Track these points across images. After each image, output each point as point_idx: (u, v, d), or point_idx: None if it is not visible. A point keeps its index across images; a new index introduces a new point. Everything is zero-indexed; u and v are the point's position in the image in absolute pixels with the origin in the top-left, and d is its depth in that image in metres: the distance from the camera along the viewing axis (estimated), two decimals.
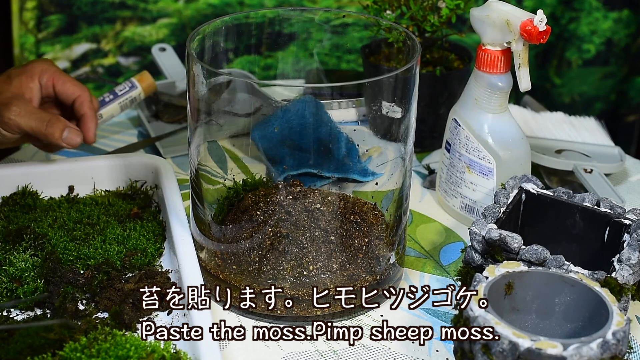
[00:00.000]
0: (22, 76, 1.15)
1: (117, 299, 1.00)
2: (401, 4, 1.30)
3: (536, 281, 0.94)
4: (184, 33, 1.77)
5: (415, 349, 1.00)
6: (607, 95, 1.93)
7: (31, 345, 0.91)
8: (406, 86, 0.99)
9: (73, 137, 1.13)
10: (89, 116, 1.16)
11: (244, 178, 1.07)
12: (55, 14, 1.71)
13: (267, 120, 1.09)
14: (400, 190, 1.05)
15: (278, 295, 1.01)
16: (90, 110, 1.16)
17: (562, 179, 1.30)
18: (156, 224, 1.11)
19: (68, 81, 1.17)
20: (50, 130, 1.12)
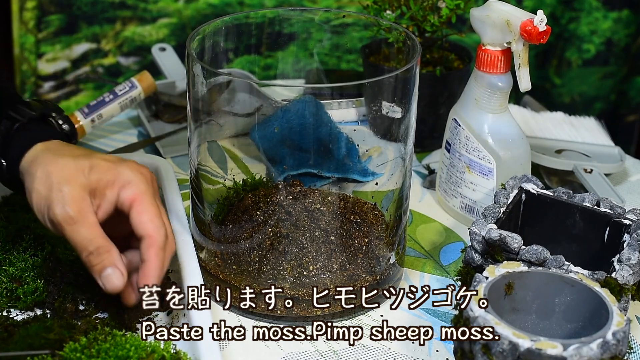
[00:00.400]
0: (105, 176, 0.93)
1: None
2: (401, 4, 1.30)
3: (536, 281, 0.94)
4: (184, 33, 1.77)
5: (415, 349, 1.00)
6: (607, 95, 1.93)
7: (31, 345, 0.91)
8: (406, 86, 0.99)
9: (114, 280, 0.91)
10: (152, 265, 0.92)
11: (244, 178, 1.07)
12: (55, 14, 1.71)
13: (267, 120, 1.09)
14: (400, 190, 1.05)
15: (278, 295, 1.01)
16: (156, 260, 0.92)
17: (562, 179, 1.30)
18: None
19: (147, 213, 0.93)
20: (92, 259, 0.91)
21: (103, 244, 0.90)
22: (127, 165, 0.94)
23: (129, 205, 0.92)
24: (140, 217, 0.92)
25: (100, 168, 0.92)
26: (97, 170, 0.92)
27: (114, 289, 0.91)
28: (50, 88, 1.76)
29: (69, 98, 1.78)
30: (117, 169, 0.93)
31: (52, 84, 1.76)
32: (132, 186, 0.92)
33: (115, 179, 0.92)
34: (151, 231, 0.92)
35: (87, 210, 0.90)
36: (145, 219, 0.92)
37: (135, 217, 0.92)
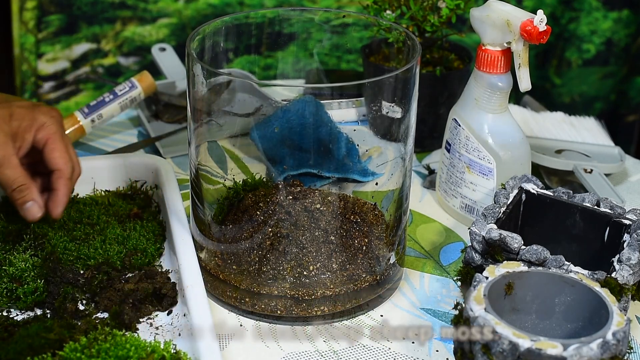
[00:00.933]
0: (23, 122, 1.07)
1: (117, 299, 1.00)
2: (401, 4, 1.30)
3: (536, 281, 0.94)
4: (184, 33, 1.77)
5: (415, 349, 1.00)
6: (607, 95, 1.93)
7: (31, 345, 0.91)
8: (406, 86, 0.99)
9: (34, 211, 1.05)
10: (61, 194, 1.06)
11: (244, 178, 1.07)
12: (55, 14, 1.71)
13: (267, 120, 1.09)
14: (400, 190, 1.05)
15: (278, 295, 1.01)
16: (65, 188, 1.07)
17: (562, 179, 1.30)
18: (156, 224, 1.11)
19: (58, 150, 1.07)
20: (16, 195, 1.05)
21: (24, 181, 1.05)
22: (41, 110, 1.08)
23: (43, 144, 1.07)
24: (52, 153, 1.07)
25: (19, 115, 1.06)
26: (17, 117, 1.06)
27: (34, 219, 1.05)
28: (50, 88, 1.76)
29: (69, 98, 1.78)
30: (33, 114, 1.07)
31: (52, 84, 1.76)
32: (45, 128, 1.07)
33: (32, 123, 1.06)
34: (60, 165, 1.07)
35: (11, 154, 1.04)
36: (56, 155, 1.07)
37: (47, 154, 1.07)
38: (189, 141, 1.04)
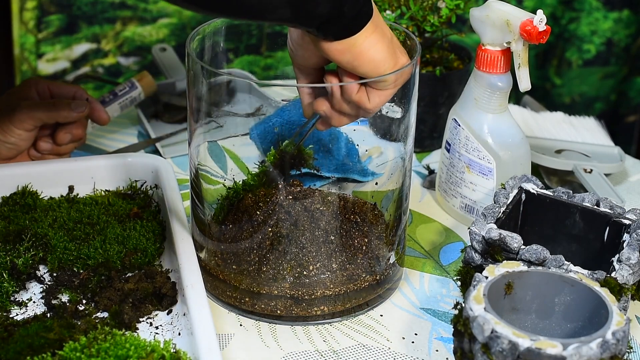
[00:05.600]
0: (19, 90, 1.22)
1: (117, 299, 1.00)
2: (401, 4, 1.30)
3: (536, 281, 0.94)
4: (184, 33, 1.77)
5: (415, 349, 1.00)
6: (607, 96, 1.93)
7: (31, 345, 0.91)
8: (406, 86, 0.99)
9: (79, 107, 1.21)
10: (93, 100, 1.25)
11: (244, 178, 1.07)
12: (55, 14, 1.71)
13: (267, 120, 1.09)
14: (400, 190, 1.05)
15: (278, 295, 1.01)
16: (92, 98, 1.25)
17: (562, 179, 1.30)
18: (156, 223, 1.11)
19: (62, 84, 1.25)
20: (59, 106, 1.20)
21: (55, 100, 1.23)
22: (23, 81, 1.25)
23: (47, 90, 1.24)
24: (60, 88, 1.24)
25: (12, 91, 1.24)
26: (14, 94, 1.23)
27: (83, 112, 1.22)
28: None
29: None
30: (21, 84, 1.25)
31: None
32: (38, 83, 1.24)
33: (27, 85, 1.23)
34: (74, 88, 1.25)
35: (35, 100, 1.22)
36: (63, 86, 1.25)
37: (57, 90, 1.24)
38: (189, 141, 1.04)
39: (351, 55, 0.91)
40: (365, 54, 0.91)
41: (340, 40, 0.90)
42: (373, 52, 0.91)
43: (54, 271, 1.05)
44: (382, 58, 0.92)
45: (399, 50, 0.95)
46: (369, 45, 0.91)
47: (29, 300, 1.02)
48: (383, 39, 0.92)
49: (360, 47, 0.91)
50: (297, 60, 0.98)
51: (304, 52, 0.96)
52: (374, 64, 0.92)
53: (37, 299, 1.03)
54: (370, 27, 0.90)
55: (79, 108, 1.21)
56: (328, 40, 0.90)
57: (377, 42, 0.91)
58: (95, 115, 1.25)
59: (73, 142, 1.23)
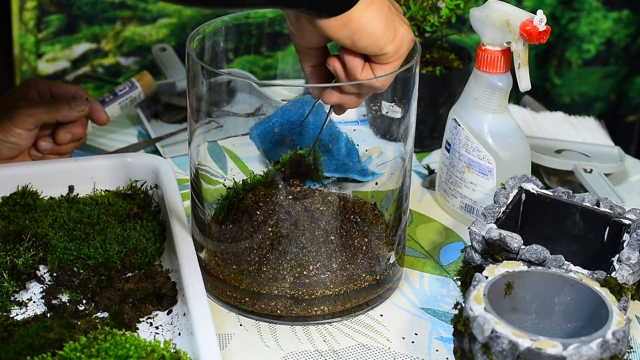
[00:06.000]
0: (19, 90, 1.23)
1: (117, 299, 1.00)
2: (401, 4, 1.30)
3: (536, 281, 0.94)
4: (184, 33, 1.77)
5: (415, 349, 1.00)
6: (607, 95, 1.93)
7: (31, 345, 0.91)
8: (406, 86, 0.99)
9: (79, 105, 1.21)
10: (93, 100, 1.25)
11: (244, 178, 1.07)
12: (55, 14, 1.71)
13: (267, 120, 1.09)
14: (400, 190, 1.05)
15: (278, 295, 1.01)
16: (92, 98, 1.25)
17: (562, 179, 1.30)
18: (156, 223, 1.11)
19: (62, 84, 1.25)
20: (59, 105, 1.20)
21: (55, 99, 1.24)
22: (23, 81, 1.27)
23: (48, 90, 1.25)
24: (60, 87, 1.25)
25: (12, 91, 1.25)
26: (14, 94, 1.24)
27: (83, 111, 1.22)
28: None
29: None
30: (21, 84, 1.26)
31: None
32: (39, 83, 1.25)
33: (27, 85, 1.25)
34: (74, 88, 1.25)
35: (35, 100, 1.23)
36: (63, 86, 1.25)
37: (57, 90, 1.25)
38: (189, 141, 1.04)
39: (349, 31, 0.90)
40: (364, 28, 0.90)
41: (337, 17, 0.88)
42: (371, 26, 0.90)
43: (54, 271, 1.05)
44: (381, 31, 0.91)
45: (397, 20, 0.93)
46: (366, 18, 0.90)
47: (29, 300, 1.02)
48: (381, 10, 0.91)
49: (357, 21, 0.89)
50: (298, 41, 0.97)
51: (302, 33, 0.95)
52: (373, 38, 0.91)
53: (37, 299, 1.03)
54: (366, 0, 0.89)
55: (79, 107, 1.21)
56: (323, 17, 0.88)
57: (375, 14, 0.90)
58: (95, 115, 1.25)
59: (73, 141, 1.23)
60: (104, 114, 1.26)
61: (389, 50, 0.92)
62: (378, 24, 0.90)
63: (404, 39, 0.93)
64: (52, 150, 1.23)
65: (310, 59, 0.98)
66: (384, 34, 0.91)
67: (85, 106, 1.22)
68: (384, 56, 0.93)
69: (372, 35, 0.91)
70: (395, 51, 0.93)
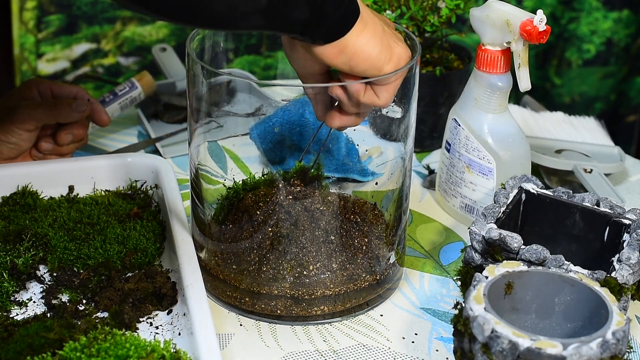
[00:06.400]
0: (21, 90, 1.23)
1: (117, 299, 1.00)
2: (401, 4, 1.30)
3: (536, 281, 0.94)
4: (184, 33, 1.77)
5: (415, 349, 1.00)
6: (607, 95, 1.93)
7: (31, 345, 0.91)
8: (406, 86, 0.99)
9: (80, 106, 1.21)
10: (94, 101, 1.25)
11: (244, 178, 1.07)
12: (55, 14, 1.71)
13: (267, 120, 1.09)
14: (400, 190, 1.05)
15: (278, 295, 1.01)
16: (93, 99, 1.25)
17: (562, 179, 1.30)
18: (156, 223, 1.11)
19: (63, 85, 1.25)
20: (60, 106, 1.20)
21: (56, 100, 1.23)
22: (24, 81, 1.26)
23: (49, 90, 1.24)
24: (62, 88, 1.24)
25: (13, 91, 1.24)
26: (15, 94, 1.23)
27: (84, 112, 1.21)
28: None
29: None
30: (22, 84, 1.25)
31: None
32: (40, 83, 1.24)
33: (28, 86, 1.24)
34: (76, 88, 1.24)
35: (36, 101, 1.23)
36: (65, 87, 1.24)
37: (59, 91, 1.24)
38: (189, 141, 1.04)
39: (346, 57, 0.90)
40: (360, 53, 0.90)
41: (332, 44, 0.89)
42: (367, 50, 0.91)
43: (54, 271, 1.05)
44: (376, 53, 0.91)
45: (392, 39, 0.93)
46: (362, 43, 0.90)
47: (29, 300, 1.02)
48: (374, 33, 0.91)
49: (353, 46, 0.90)
50: (297, 69, 0.97)
51: (301, 62, 0.95)
52: (371, 61, 0.91)
53: (37, 298, 1.03)
54: (359, 24, 0.89)
55: (80, 108, 1.21)
56: (318, 44, 0.89)
57: (370, 38, 0.90)
58: (96, 116, 1.25)
59: (74, 142, 1.23)
60: (105, 115, 1.26)
61: (388, 70, 0.93)
62: (373, 47, 0.91)
63: (400, 58, 0.94)
64: (53, 151, 1.23)
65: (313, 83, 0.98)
66: (380, 55, 0.91)
67: (86, 107, 1.22)
68: (384, 78, 0.93)
69: (369, 59, 0.91)
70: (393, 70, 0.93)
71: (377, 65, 0.92)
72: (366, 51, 0.90)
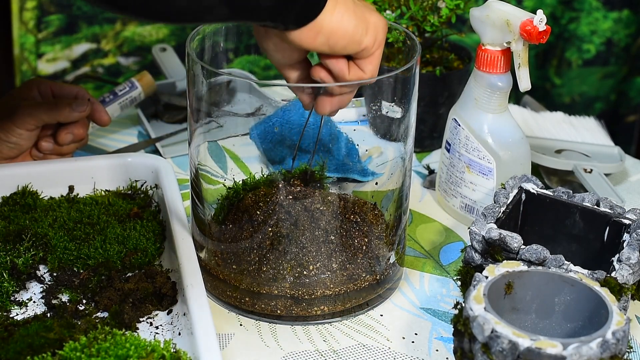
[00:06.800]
0: (21, 90, 1.23)
1: (117, 299, 1.00)
2: (401, 4, 1.30)
3: (536, 281, 0.94)
4: (184, 33, 1.77)
5: (415, 349, 1.00)
6: (607, 95, 1.93)
7: (31, 345, 0.91)
8: (406, 86, 1.00)
9: (80, 105, 1.21)
10: (95, 101, 1.25)
11: (244, 178, 1.07)
12: (55, 14, 1.71)
13: (267, 120, 1.09)
14: (400, 190, 1.05)
15: (278, 295, 1.01)
16: (93, 99, 1.25)
17: (562, 179, 1.30)
18: (156, 223, 1.11)
19: (64, 85, 1.25)
20: (60, 105, 1.20)
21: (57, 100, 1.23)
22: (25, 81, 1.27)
23: (50, 91, 1.24)
24: (62, 88, 1.24)
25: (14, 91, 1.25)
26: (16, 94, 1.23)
27: (84, 111, 1.22)
28: None
29: None
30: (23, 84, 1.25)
31: None
32: (41, 83, 1.24)
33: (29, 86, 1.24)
34: (76, 88, 1.24)
35: (37, 100, 1.23)
36: (65, 87, 1.25)
37: (59, 91, 1.24)
38: (189, 141, 1.04)
39: (324, 37, 0.88)
40: (337, 30, 0.88)
41: (308, 26, 0.87)
42: (344, 25, 0.89)
43: (54, 271, 1.05)
44: (354, 26, 0.89)
45: (365, 10, 0.92)
46: (337, 20, 0.88)
47: (29, 300, 1.02)
48: (347, 7, 0.89)
49: (329, 25, 0.88)
50: (276, 60, 0.95)
51: (278, 52, 0.93)
52: (349, 36, 0.89)
53: (37, 298, 1.03)
54: (331, 1, 0.87)
55: (80, 107, 1.21)
56: (292, 29, 0.87)
57: (344, 13, 0.89)
58: (97, 116, 1.25)
59: (74, 142, 1.23)
60: (105, 115, 1.26)
61: (367, 42, 0.91)
62: (349, 22, 0.89)
63: (377, 27, 0.92)
64: (54, 151, 1.23)
65: (293, 75, 0.96)
66: (357, 28, 0.90)
67: (86, 107, 1.22)
68: (365, 50, 0.92)
69: (347, 34, 0.89)
70: (373, 42, 0.92)
71: (355, 39, 0.90)
72: (343, 27, 0.89)
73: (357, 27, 0.90)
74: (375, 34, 0.92)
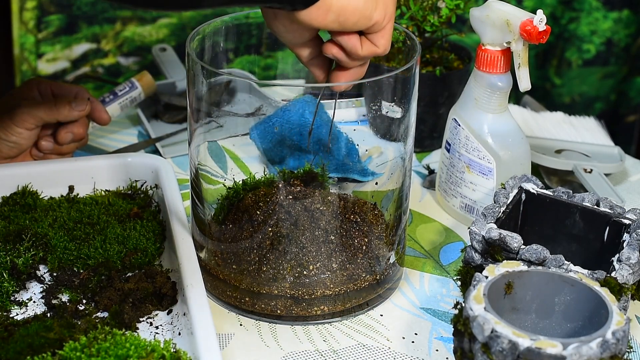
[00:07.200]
0: (21, 89, 1.23)
1: (117, 299, 1.00)
2: (401, 4, 1.30)
3: (536, 281, 0.94)
4: (184, 33, 1.77)
5: (415, 349, 1.00)
6: (607, 95, 1.93)
7: (31, 345, 0.91)
8: (406, 86, 1.00)
9: (80, 104, 1.21)
10: (94, 100, 1.25)
11: (244, 178, 1.07)
12: (55, 14, 1.71)
13: (267, 120, 1.09)
14: (400, 190, 1.05)
15: (278, 295, 1.01)
16: (93, 97, 1.25)
17: (562, 179, 1.30)
18: (156, 223, 1.11)
19: (64, 84, 1.25)
20: (60, 104, 1.20)
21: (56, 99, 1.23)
22: (25, 81, 1.26)
23: (49, 91, 1.24)
24: (62, 88, 1.24)
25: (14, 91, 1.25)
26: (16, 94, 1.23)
27: (83, 110, 1.22)
28: None
29: None
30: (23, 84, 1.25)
31: None
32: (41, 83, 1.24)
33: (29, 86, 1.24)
34: (76, 88, 1.24)
35: (36, 100, 1.23)
36: (65, 86, 1.24)
37: (59, 91, 1.24)
38: (189, 141, 1.04)
39: (334, 14, 0.87)
40: (347, 6, 0.87)
41: (316, 4, 0.85)
42: (354, 1, 0.88)
43: (54, 271, 1.05)
44: (363, 2, 0.88)
45: None
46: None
47: (29, 300, 1.03)
48: None
49: (338, 2, 0.87)
50: (287, 40, 0.94)
51: (289, 33, 0.92)
52: (359, 11, 0.88)
53: (37, 298, 1.03)
54: None
55: (80, 107, 1.21)
56: (300, 9, 0.86)
57: None
58: (97, 115, 1.25)
59: (74, 141, 1.23)
60: (105, 114, 1.26)
61: (378, 17, 0.90)
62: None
63: (387, 0, 0.91)
64: (53, 150, 1.23)
65: (306, 53, 0.95)
66: (366, 3, 0.89)
67: (86, 106, 1.22)
68: (376, 25, 0.90)
69: (357, 10, 0.88)
70: (383, 16, 0.91)
71: (366, 14, 0.89)
72: (352, 3, 0.88)
73: (367, 2, 0.89)
74: (385, 7, 0.90)
